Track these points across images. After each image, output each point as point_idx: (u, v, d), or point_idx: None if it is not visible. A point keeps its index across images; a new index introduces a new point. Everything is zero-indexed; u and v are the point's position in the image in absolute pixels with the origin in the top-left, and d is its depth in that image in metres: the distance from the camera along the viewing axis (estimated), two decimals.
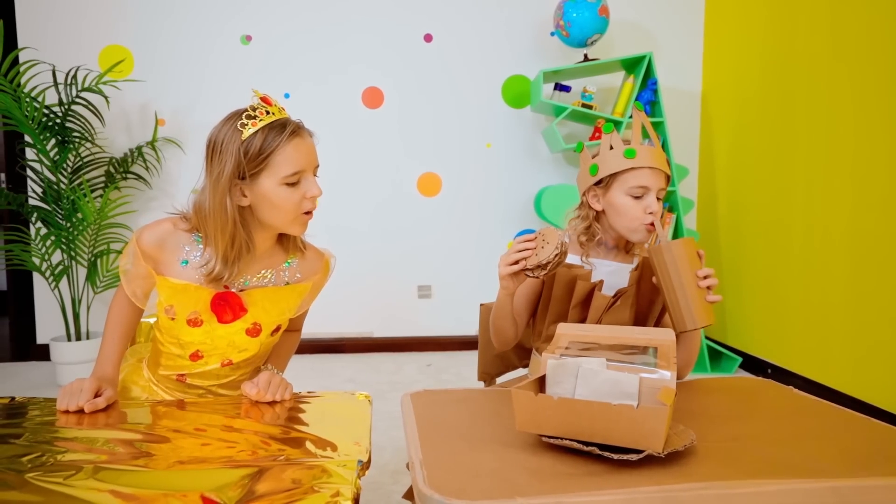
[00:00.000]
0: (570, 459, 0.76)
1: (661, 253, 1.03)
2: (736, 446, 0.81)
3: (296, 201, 1.02)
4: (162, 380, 1.17)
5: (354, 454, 0.79)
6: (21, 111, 2.67)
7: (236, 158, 0.98)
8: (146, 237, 1.06)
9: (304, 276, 1.16)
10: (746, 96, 3.03)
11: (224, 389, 1.16)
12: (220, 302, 1.05)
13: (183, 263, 1.06)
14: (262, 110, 1.01)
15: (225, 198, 0.99)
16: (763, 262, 2.89)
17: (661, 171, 1.15)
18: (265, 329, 1.11)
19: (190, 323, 1.06)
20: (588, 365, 0.83)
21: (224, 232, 1.01)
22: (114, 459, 0.78)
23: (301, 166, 1.01)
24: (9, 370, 3.14)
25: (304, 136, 1.03)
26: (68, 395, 0.98)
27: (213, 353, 1.11)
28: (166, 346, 1.12)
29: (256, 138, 0.98)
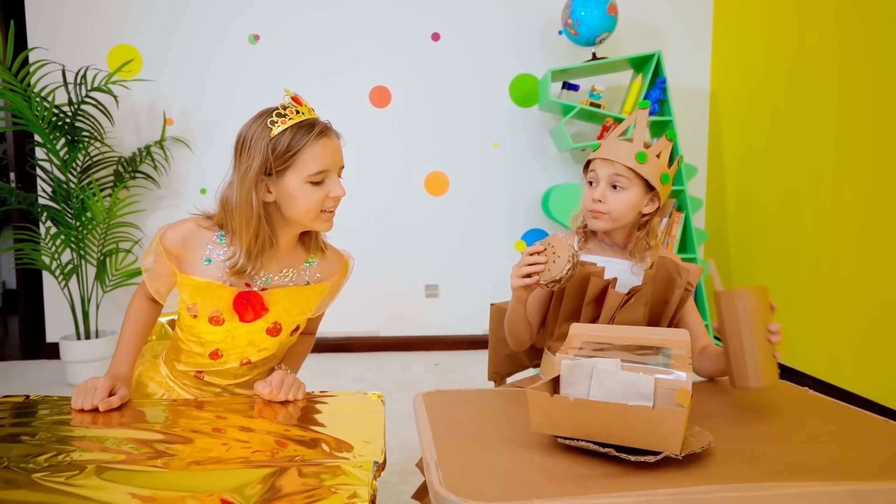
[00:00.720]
0: (586, 461, 0.75)
1: (733, 301, 0.94)
2: (753, 448, 0.80)
3: (319, 199, 1.04)
4: (179, 376, 1.18)
5: (370, 455, 0.79)
6: (31, 111, 2.69)
7: (264, 155, 1.00)
8: (169, 235, 1.07)
9: (323, 276, 1.17)
10: (755, 94, 3.01)
11: (240, 389, 1.17)
12: (243, 301, 1.06)
13: (206, 262, 1.07)
14: (293, 109, 1.03)
15: (251, 193, 1.01)
16: (772, 261, 2.87)
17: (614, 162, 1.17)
18: (285, 329, 1.12)
19: (212, 321, 1.07)
20: (603, 365, 0.83)
21: (249, 226, 1.02)
22: (129, 459, 0.78)
23: (326, 166, 1.04)
24: (18, 368, 3.16)
25: (331, 137, 1.06)
26: (83, 393, 0.99)
27: (232, 353, 1.12)
28: (187, 343, 1.13)
29: (285, 136, 1.00)
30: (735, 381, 0.94)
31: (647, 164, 1.16)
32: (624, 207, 1.18)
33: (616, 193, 1.18)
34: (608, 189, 1.19)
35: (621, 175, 1.17)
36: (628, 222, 1.22)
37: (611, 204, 1.18)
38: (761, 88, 2.96)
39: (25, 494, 0.69)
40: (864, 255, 2.31)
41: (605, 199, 1.18)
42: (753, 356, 0.91)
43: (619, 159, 1.17)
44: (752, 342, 0.91)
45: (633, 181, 1.18)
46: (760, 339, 0.92)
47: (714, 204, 3.40)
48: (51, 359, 3.22)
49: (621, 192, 1.18)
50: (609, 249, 1.27)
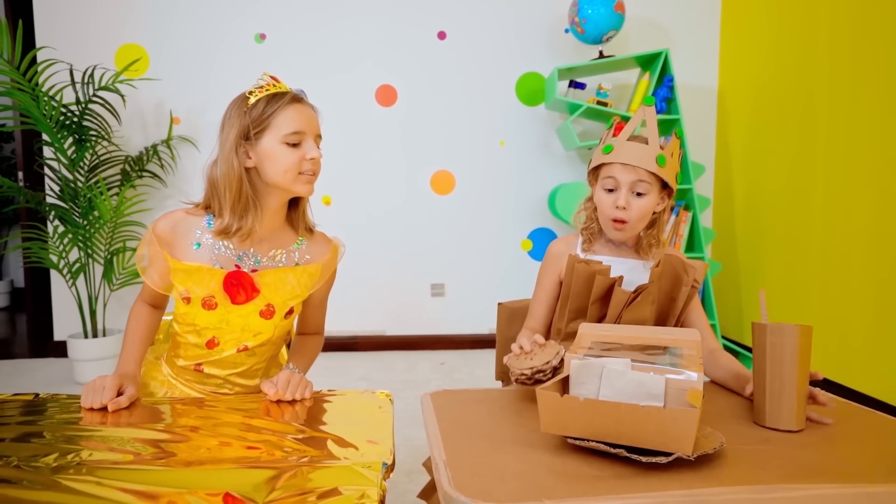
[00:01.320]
0: (596, 461, 0.74)
1: (782, 337, 0.87)
2: (766, 449, 0.79)
3: (296, 160, 1.09)
4: (180, 372, 1.18)
5: (378, 455, 0.79)
6: (39, 110, 2.70)
7: (242, 121, 1.07)
8: (160, 224, 1.12)
9: (313, 258, 1.19)
10: (764, 93, 2.99)
11: (241, 378, 1.17)
12: (233, 282, 1.09)
13: (196, 246, 1.11)
14: (270, 84, 1.11)
15: (232, 156, 1.07)
16: (781, 260, 2.85)
17: (636, 167, 1.15)
18: (278, 311, 1.14)
19: (205, 305, 1.10)
20: (613, 365, 0.82)
21: (231, 188, 1.08)
22: (137, 460, 0.78)
23: (301, 128, 1.09)
24: (26, 366, 3.18)
25: (304, 104, 1.12)
26: (91, 392, 0.99)
27: (228, 339, 1.14)
28: (184, 335, 1.15)
29: (261, 103, 1.08)
30: (765, 418, 0.88)
31: (667, 167, 1.16)
32: (645, 213, 1.18)
33: (638, 199, 1.17)
34: (631, 196, 1.17)
35: (644, 181, 1.15)
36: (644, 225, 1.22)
37: (633, 210, 1.17)
38: (770, 86, 2.94)
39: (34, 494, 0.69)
40: (875, 254, 2.28)
41: (630, 206, 1.17)
42: (791, 398, 0.86)
43: (641, 164, 1.14)
44: (794, 383, 0.86)
45: (654, 185, 1.17)
46: (802, 382, 0.87)
47: (722, 203, 3.38)
48: (58, 357, 3.24)
49: (643, 197, 1.17)
50: (615, 249, 1.27)
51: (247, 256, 1.12)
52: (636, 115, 1.20)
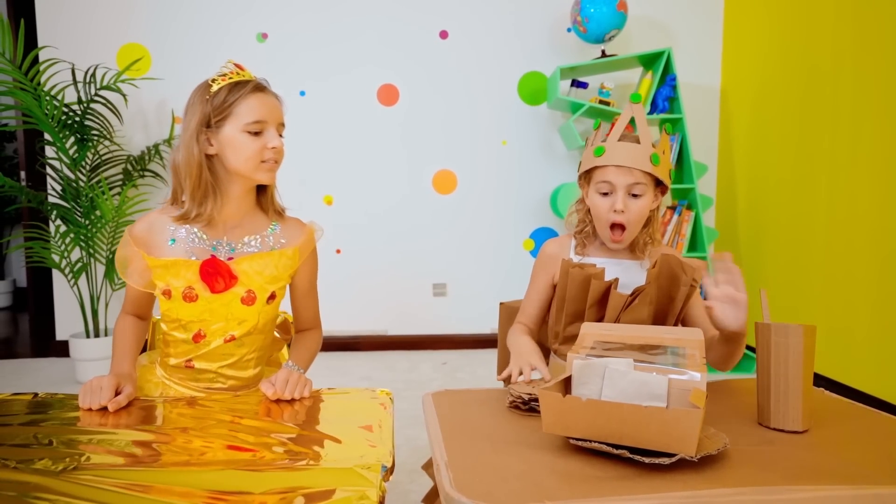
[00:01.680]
0: (599, 462, 0.74)
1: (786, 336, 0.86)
2: (770, 450, 0.78)
3: (256, 149, 1.09)
4: (173, 372, 1.19)
5: (378, 457, 0.78)
6: (41, 109, 2.70)
7: (203, 109, 1.08)
8: (136, 226, 1.15)
9: (288, 242, 1.20)
10: (767, 92, 2.98)
11: (232, 370, 1.17)
12: (209, 270, 1.10)
13: (171, 242, 1.12)
14: (234, 72, 1.11)
15: (192, 143, 1.09)
16: (784, 260, 2.84)
17: (632, 169, 1.13)
18: (259, 296, 1.14)
19: (186, 298, 1.11)
20: (615, 365, 0.81)
21: (191, 174, 1.09)
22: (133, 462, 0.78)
23: (263, 116, 1.09)
24: (29, 366, 3.18)
25: (267, 93, 1.12)
26: (89, 393, 0.99)
27: (214, 330, 1.14)
28: (171, 333, 1.16)
29: (222, 91, 1.09)
30: (769, 418, 0.87)
31: (661, 165, 1.14)
32: (642, 215, 1.16)
33: (636, 201, 1.15)
34: (628, 198, 1.15)
35: (640, 182, 1.14)
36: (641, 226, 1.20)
37: (632, 213, 1.15)
38: (773, 85, 2.92)
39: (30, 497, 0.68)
40: (878, 253, 2.27)
41: (628, 209, 1.14)
42: (797, 398, 0.84)
43: (636, 165, 1.13)
44: (798, 383, 0.85)
45: (649, 185, 1.15)
46: (807, 382, 0.86)
47: (724, 202, 3.37)
48: (61, 356, 3.24)
49: (639, 199, 1.15)
50: (610, 250, 1.24)
51: (221, 245, 1.14)
52: (624, 114, 1.17)
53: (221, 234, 1.14)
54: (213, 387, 1.18)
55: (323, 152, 3.32)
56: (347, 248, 3.36)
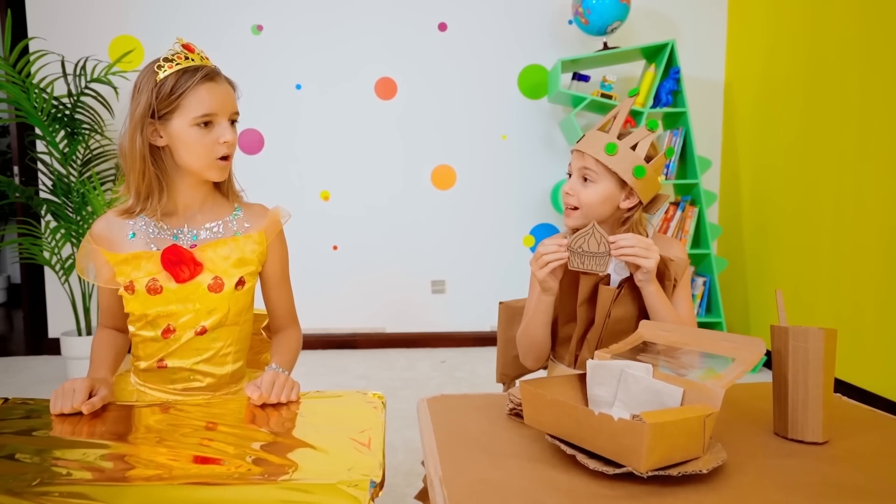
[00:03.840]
0: (605, 480, 0.68)
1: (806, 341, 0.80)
2: (790, 464, 0.73)
3: (208, 144, 1.03)
4: (147, 377, 1.13)
5: (367, 469, 0.72)
6: (30, 102, 2.64)
7: (148, 98, 1.01)
8: (95, 225, 1.11)
9: (252, 226, 1.14)
10: (772, 85, 2.91)
11: (208, 366, 1.11)
12: (172, 259, 1.05)
13: (131, 236, 1.08)
14: (181, 55, 1.03)
15: (136, 134, 1.02)
16: (790, 258, 2.78)
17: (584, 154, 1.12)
18: (227, 282, 1.08)
19: (150, 291, 1.05)
20: (632, 370, 0.76)
21: (135, 168, 1.04)
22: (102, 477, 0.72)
23: (213, 109, 1.03)
24: (21, 364, 3.13)
25: (219, 82, 1.05)
26: (61, 396, 0.93)
27: (183, 323, 1.08)
28: (138, 333, 1.10)
29: (169, 79, 1.01)
30: (787, 428, 0.81)
31: (617, 156, 1.09)
32: (592, 200, 1.12)
33: (585, 186, 1.13)
34: (578, 182, 1.14)
35: (589, 168, 1.11)
36: (604, 217, 1.14)
37: (580, 197, 1.13)
38: (778, 78, 2.86)
39: None
40: (889, 252, 2.21)
41: (575, 192, 1.13)
42: (817, 407, 0.79)
43: (588, 150, 1.11)
44: (819, 391, 0.79)
45: (603, 174, 1.11)
46: (827, 389, 0.80)
47: (728, 198, 3.30)
48: (53, 354, 3.19)
49: (590, 185, 1.12)
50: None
51: (182, 234, 1.09)
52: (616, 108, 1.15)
53: (182, 223, 1.09)
54: (190, 387, 1.12)
55: (319, 147, 3.26)
56: (344, 244, 3.30)
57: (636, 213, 1.14)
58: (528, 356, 1.21)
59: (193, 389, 1.12)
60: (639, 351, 0.91)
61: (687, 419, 0.67)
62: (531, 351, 1.20)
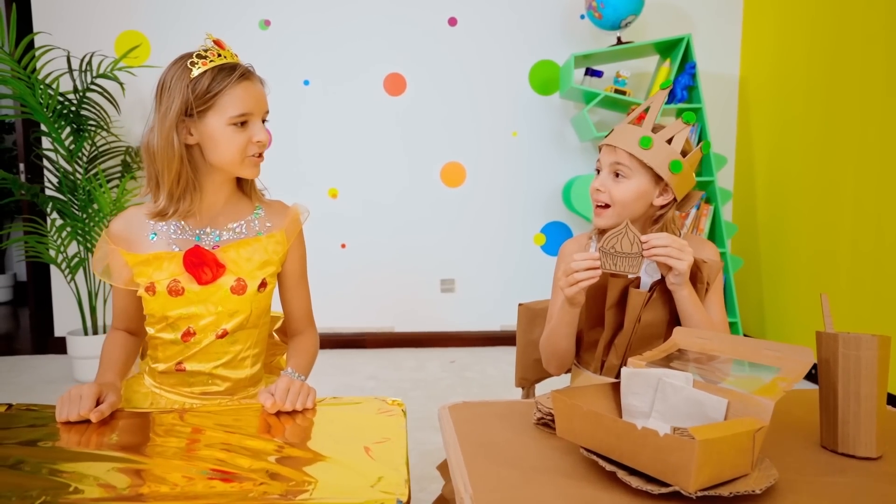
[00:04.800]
0: (648, 499, 0.63)
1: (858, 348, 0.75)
2: (843, 482, 0.68)
3: (242, 143, 1.02)
4: (163, 380, 1.10)
5: (391, 487, 0.68)
6: (35, 98, 2.60)
7: (184, 96, 0.98)
8: (113, 224, 1.08)
9: (274, 225, 1.12)
10: (789, 79, 2.85)
11: (226, 370, 1.08)
12: (194, 261, 1.02)
13: (152, 237, 1.05)
14: (214, 52, 1.01)
15: (172, 134, 0.99)
16: (807, 257, 2.72)
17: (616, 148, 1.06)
18: (250, 285, 1.06)
19: (171, 292, 1.02)
20: (670, 378, 0.71)
21: (170, 168, 1.00)
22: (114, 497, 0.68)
23: (248, 109, 1.01)
24: (27, 363, 3.10)
25: (253, 81, 1.03)
26: (67, 403, 0.89)
27: (204, 326, 1.05)
28: (157, 335, 1.07)
29: (205, 77, 0.99)
30: (837, 442, 0.76)
31: (652, 150, 1.03)
32: (626, 197, 1.06)
33: (617, 182, 1.07)
34: (610, 178, 1.08)
35: (622, 163, 1.05)
36: (637, 215, 1.09)
37: (612, 194, 1.07)
38: (796, 72, 2.80)
39: None
40: None
41: (606, 189, 1.08)
42: (870, 419, 0.73)
43: (621, 145, 1.05)
44: (872, 402, 0.73)
45: (637, 169, 1.05)
46: (881, 400, 0.75)
47: (743, 196, 3.24)
48: (59, 353, 3.16)
49: (623, 180, 1.07)
50: None
51: (205, 234, 1.06)
52: (648, 99, 1.10)
53: (205, 223, 1.07)
54: (208, 391, 1.08)
55: (327, 144, 3.22)
56: (353, 243, 3.26)
57: (670, 211, 1.09)
58: (550, 363, 1.17)
59: (211, 393, 1.08)
60: (671, 359, 0.86)
61: (737, 434, 0.62)
62: (554, 358, 1.15)
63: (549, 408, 0.85)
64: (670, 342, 0.87)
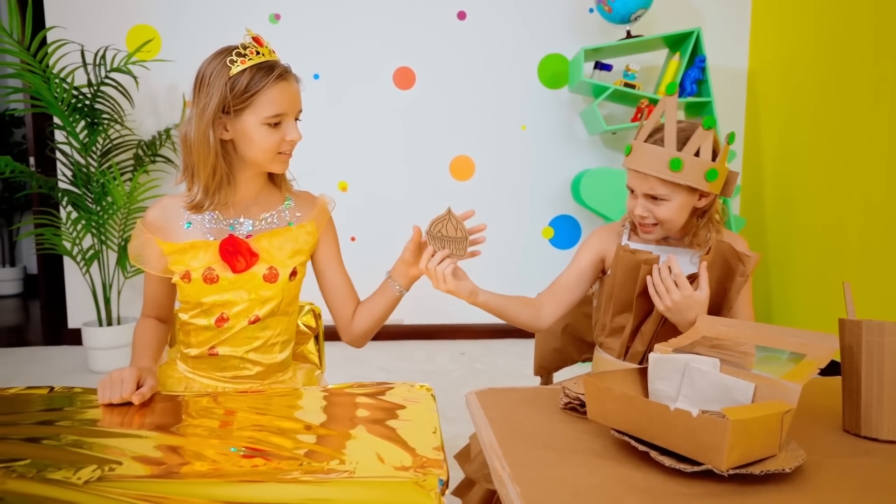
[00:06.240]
0: (679, 476, 0.66)
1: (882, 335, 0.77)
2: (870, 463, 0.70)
3: (275, 142, 1.04)
4: (196, 364, 1.13)
5: (431, 467, 0.70)
6: (50, 92, 2.62)
7: (222, 93, 1.00)
8: (149, 213, 1.11)
9: (304, 215, 1.16)
10: (797, 73, 2.86)
11: (257, 355, 1.12)
12: (229, 249, 1.05)
13: (187, 226, 1.08)
14: (253, 50, 1.03)
15: (208, 130, 1.01)
16: (815, 252, 2.73)
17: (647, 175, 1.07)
18: (282, 273, 1.09)
19: (206, 280, 1.06)
20: (697, 363, 0.73)
21: (206, 163, 1.03)
22: (163, 472, 0.70)
23: (284, 109, 1.03)
24: (41, 354, 3.13)
25: (290, 81, 1.05)
26: (109, 386, 0.92)
27: (237, 312, 1.09)
28: (191, 321, 1.10)
29: (244, 76, 1.00)
30: (860, 426, 0.78)
31: (685, 170, 1.04)
32: (671, 215, 1.10)
33: (658, 205, 1.09)
34: (648, 202, 1.10)
35: (658, 189, 1.07)
36: (684, 221, 1.12)
37: (656, 215, 1.10)
38: (805, 66, 2.80)
39: None
40: None
41: (650, 212, 1.10)
42: (893, 403, 0.76)
43: (651, 171, 1.06)
44: (894, 387, 0.76)
45: (674, 190, 1.07)
46: None
47: (750, 190, 3.26)
48: (73, 345, 3.19)
49: (663, 203, 1.08)
50: (664, 240, 1.18)
51: (238, 224, 1.10)
52: (656, 110, 1.10)
53: (238, 213, 1.10)
54: (239, 375, 1.12)
55: (337, 137, 3.23)
56: (362, 236, 3.28)
57: (715, 204, 1.12)
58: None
59: (242, 378, 1.11)
60: (697, 345, 0.88)
61: (767, 416, 0.65)
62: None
63: (577, 392, 0.87)
64: (694, 329, 0.89)
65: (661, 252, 1.13)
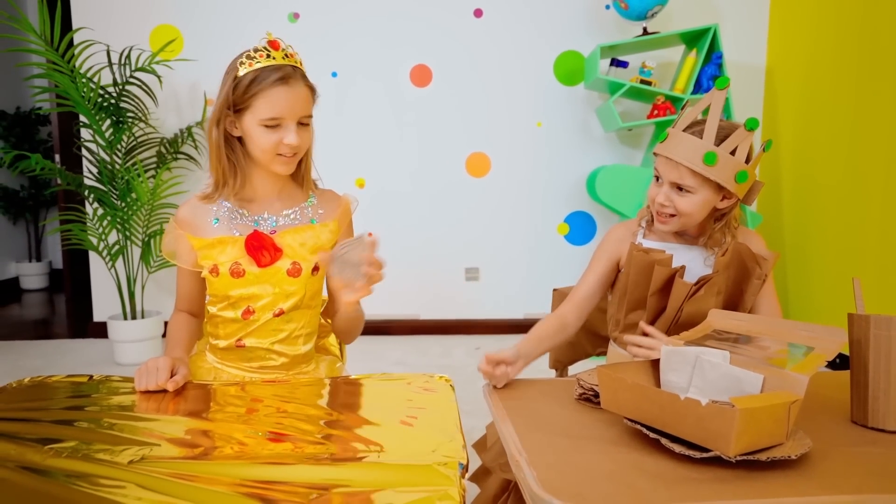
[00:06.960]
0: (690, 462, 0.69)
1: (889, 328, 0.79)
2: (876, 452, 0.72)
3: (272, 143, 1.07)
4: (224, 356, 1.18)
5: (450, 452, 0.74)
6: (78, 92, 2.70)
7: (227, 91, 1.06)
8: (180, 210, 1.17)
9: (327, 214, 1.20)
10: (816, 70, 2.84)
11: (283, 346, 1.17)
12: (254, 244, 1.10)
13: (215, 222, 1.13)
14: (264, 53, 1.06)
15: (214, 125, 1.08)
16: (833, 249, 2.72)
17: (678, 164, 1.05)
18: (305, 268, 1.14)
19: (233, 274, 1.11)
20: (708, 356, 0.76)
21: (212, 155, 1.11)
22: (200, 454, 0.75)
23: (280, 113, 1.06)
24: (67, 346, 3.23)
25: (293, 86, 1.06)
26: (145, 374, 0.98)
27: (263, 305, 1.13)
28: (219, 314, 1.15)
29: (248, 77, 1.05)
30: (867, 417, 0.80)
31: (718, 166, 1.03)
32: (693, 209, 1.08)
33: (682, 196, 1.08)
34: (673, 191, 1.08)
35: (686, 179, 1.06)
36: (701, 220, 1.12)
37: (677, 206, 1.08)
38: (823, 63, 2.79)
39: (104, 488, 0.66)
40: None
41: (671, 202, 1.09)
42: None
43: (683, 161, 1.04)
44: None
45: (702, 184, 1.06)
46: None
47: (768, 186, 3.24)
48: (98, 338, 3.28)
49: (687, 195, 1.07)
50: (681, 238, 1.18)
51: (263, 220, 1.14)
52: (702, 101, 1.08)
53: (262, 209, 1.15)
54: (265, 365, 1.17)
55: (354, 134, 3.28)
56: (379, 232, 3.33)
57: (734, 210, 1.11)
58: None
59: (269, 368, 1.16)
60: (708, 338, 0.91)
61: (774, 405, 0.67)
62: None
63: (591, 383, 0.90)
64: (704, 323, 0.92)
65: (675, 251, 1.15)
